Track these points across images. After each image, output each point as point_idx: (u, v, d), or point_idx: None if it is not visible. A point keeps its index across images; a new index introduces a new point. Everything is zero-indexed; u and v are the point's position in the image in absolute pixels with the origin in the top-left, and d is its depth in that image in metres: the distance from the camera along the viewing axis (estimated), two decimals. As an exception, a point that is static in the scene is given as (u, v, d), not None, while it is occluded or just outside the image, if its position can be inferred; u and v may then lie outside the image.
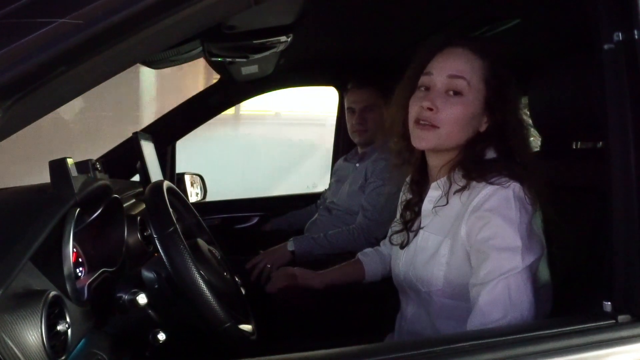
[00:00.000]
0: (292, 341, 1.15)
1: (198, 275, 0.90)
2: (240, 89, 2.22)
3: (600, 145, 1.27)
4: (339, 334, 1.43)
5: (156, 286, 0.96)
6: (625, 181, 0.78)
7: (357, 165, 1.99)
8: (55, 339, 0.70)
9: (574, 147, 1.34)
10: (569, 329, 0.76)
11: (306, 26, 1.42)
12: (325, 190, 2.23)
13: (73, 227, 0.82)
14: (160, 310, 0.97)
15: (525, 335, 0.75)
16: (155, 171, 1.76)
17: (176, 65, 1.65)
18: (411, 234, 1.09)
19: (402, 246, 1.10)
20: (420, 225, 1.07)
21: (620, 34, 0.77)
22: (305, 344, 0.84)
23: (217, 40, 1.43)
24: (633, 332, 0.76)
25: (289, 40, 1.48)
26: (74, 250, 0.88)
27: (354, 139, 2.03)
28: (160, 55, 1.46)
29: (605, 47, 0.78)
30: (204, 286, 0.90)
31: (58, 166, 0.86)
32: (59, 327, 0.71)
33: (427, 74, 1.01)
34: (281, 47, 1.56)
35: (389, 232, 1.22)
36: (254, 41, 1.45)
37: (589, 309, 0.81)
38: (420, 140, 1.00)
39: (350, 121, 2.01)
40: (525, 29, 1.62)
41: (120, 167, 1.85)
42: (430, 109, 0.97)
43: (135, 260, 1.13)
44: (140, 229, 1.19)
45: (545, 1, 1.40)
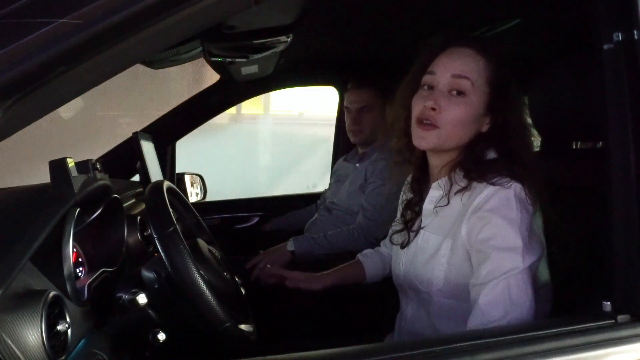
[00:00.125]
0: (292, 341, 1.14)
1: (198, 275, 0.90)
2: (240, 89, 2.22)
3: (600, 145, 1.27)
4: (339, 334, 1.43)
5: (156, 286, 0.96)
6: (625, 181, 0.78)
7: (357, 165, 1.99)
8: (55, 339, 0.70)
9: (574, 147, 1.34)
10: (568, 328, 0.76)
11: (306, 26, 1.42)
12: (325, 190, 2.23)
13: (73, 227, 0.82)
14: (160, 310, 0.97)
15: (525, 335, 0.75)
16: (155, 171, 1.76)
17: (176, 65, 1.65)
18: (412, 234, 1.09)
19: (403, 246, 1.10)
20: (421, 225, 1.07)
21: (620, 34, 0.77)
22: (305, 344, 0.84)
23: (217, 40, 1.43)
24: (632, 332, 0.76)
25: (289, 40, 1.48)
26: (74, 250, 0.88)
27: (351, 138, 2.04)
28: (160, 55, 1.46)
29: (605, 47, 0.78)
30: (204, 286, 0.90)
31: (58, 166, 0.86)
32: (59, 327, 0.72)
33: (431, 72, 1.01)
34: (281, 47, 1.56)
35: (390, 232, 1.22)
36: (254, 41, 1.45)
37: (588, 309, 0.81)
38: (421, 140, 1.00)
39: (347, 121, 2.02)
40: (525, 29, 1.61)
41: (120, 167, 1.85)
42: (433, 109, 0.97)
43: (135, 260, 1.13)
44: (140, 229, 1.19)
45: (545, 1, 1.39)
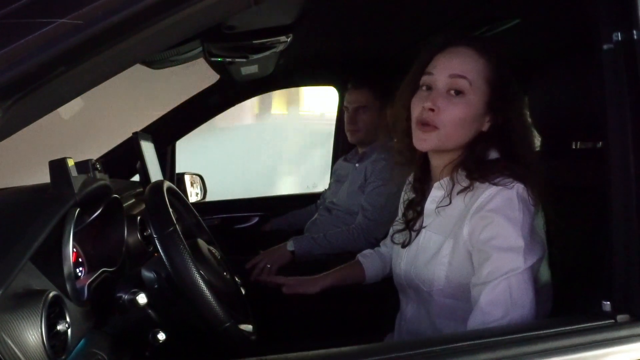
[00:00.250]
0: (292, 341, 1.14)
1: (198, 275, 0.90)
2: (240, 89, 2.22)
3: (600, 145, 1.27)
4: (339, 334, 1.43)
5: (156, 286, 0.96)
6: (625, 181, 0.78)
7: (357, 165, 1.99)
8: (55, 339, 0.70)
9: (573, 147, 1.34)
10: (568, 328, 0.76)
11: (306, 26, 1.42)
12: (325, 190, 2.24)
13: (73, 227, 0.82)
14: (160, 310, 0.97)
15: (525, 334, 0.75)
16: (155, 171, 1.76)
17: (176, 65, 1.65)
18: (413, 233, 1.09)
19: (404, 245, 1.10)
20: (423, 224, 1.07)
21: (619, 34, 0.77)
22: (305, 344, 0.84)
23: (217, 40, 1.43)
24: (632, 332, 0.76)
25: (289, 40, 1.48)
26: (74, 250, 0.88)
27: (348, 138, 2.05)
28: (160, 55, 1.46)
29: (605, 48, 0.78)
30: (204, 286, 0.90)
31: (58, 166, 0.86)
32: (59, 327, 0.72)
33: (429, 73, 1.01)
34: (281, 47, 1.56)
35: (391, 231, 1.22)
36: (254, 41, 1.46)
37: (588, 309, 0.81)
38: (421, 142, 1.00)
39: (345, 120, 2.03)
40: (525, 29, 1.61)
41: (120, 167, 1.85)
42: (432, 110, 0.97)
43: (135, 260, 1.13)
44: (140, 229, 1.19)
45: (545, 1, 1.39)
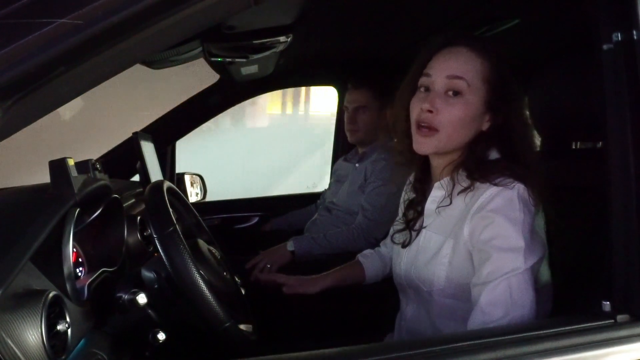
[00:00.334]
0: (292, 341, 1.14)
1: (198, 275, 0.90)
2: (240, 89, 2.22)
3: (600, 145, 1.27)
4: (339, 334, 1.43)
5: (156, 286, 0.97)
6: (625, 181, 0.78)
7: (357, 165, 1.99)
8: (55, 339, 0.70)
9: (573, 147, 1.34)
10: (568, 328, 0.76)
11: (306, 26, 1.42)
12: (325, 190, 2.24)
13: (73, 227, 0.82)
14: (160, 310, 0.97)
15: (525, 334, 0.75)
16: (155, 171, 1.76)
17: (176, 65, 1.65)
18: (413, 233, 1.09)
19: (404, 245, 1.10)
20: (423, 224, 1.07)
21: (619, 34, 0.77)
22: (305, 344, 0.84)
23: (217, 40, 1.43)
24: (632, 332, 0.76)
25: (289, 40, 1.48)
26: (74, 250, 0.88)
27: (348, 137, 2.05)
28: (160, 55, 1.46)
29: (605, 48, 0.78)
30: (204, 286, 0.90)
31: (58, 166, 0.86)
32: (59, 327, 0.72)
33: (427, 75, 1.01)
34: (281, 47, 1.56)
35: (391, 231, 1.22)
36: (254, 41, 1.46)
37: (588, 309, 0.81)
38: (420, 145, 1.00)
39: (345, 120, 2.03)
40: (525, 29, 1.61)
41: (120, 167, 1.85)
42: (430, 111, 0.97)
43: (135, 260, 1.13)
44: (140, 229, 1.19)
45: (545, 1, 1.39)
